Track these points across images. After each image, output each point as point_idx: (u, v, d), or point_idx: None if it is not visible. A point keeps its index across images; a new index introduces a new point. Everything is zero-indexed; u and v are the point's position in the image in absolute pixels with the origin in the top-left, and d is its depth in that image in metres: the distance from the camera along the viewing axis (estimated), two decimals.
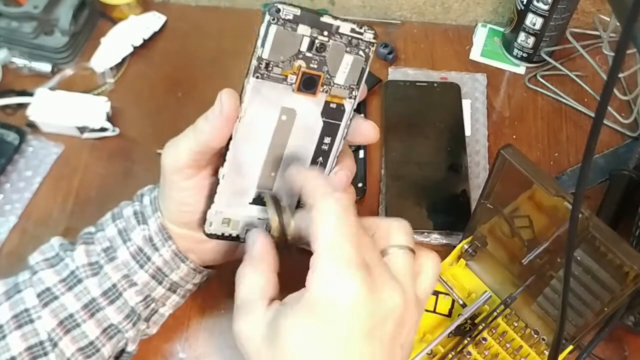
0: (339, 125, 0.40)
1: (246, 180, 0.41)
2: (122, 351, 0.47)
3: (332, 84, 0.39)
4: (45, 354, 0.43)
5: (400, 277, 0.35)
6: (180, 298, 0.49)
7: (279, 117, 0.39)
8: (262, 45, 0.36)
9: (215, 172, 0.41)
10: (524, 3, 0.66)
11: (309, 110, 0.39)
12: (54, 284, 0.43)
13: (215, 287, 0.57)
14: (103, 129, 0.65)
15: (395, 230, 0.37)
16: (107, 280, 0.44)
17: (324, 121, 0.40)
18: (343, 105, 0.39)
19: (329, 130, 0.40)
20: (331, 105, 0.39)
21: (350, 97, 0.39)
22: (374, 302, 0.33)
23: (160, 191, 0.44)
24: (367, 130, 0.41)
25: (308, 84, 0.38)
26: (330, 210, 0.34)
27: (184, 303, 0.56)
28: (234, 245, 0.46)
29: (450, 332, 0.52)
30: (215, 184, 0.41)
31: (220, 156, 0.40)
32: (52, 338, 0.43)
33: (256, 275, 0.38)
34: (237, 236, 0.43)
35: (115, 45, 0.71)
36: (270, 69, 0.37)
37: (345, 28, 0.37)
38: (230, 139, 0.39)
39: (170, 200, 0.43)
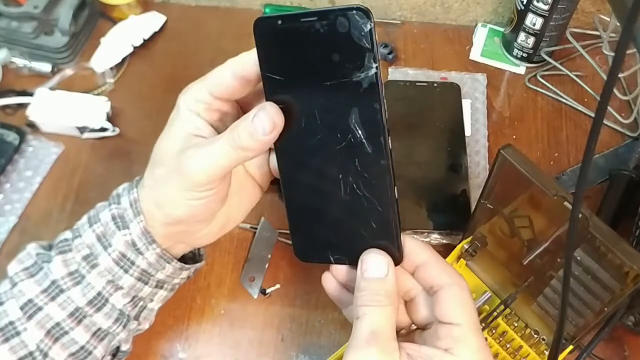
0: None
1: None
2: (118, 349, 0.47)
3: None
4: None
5: None
6: (168, 292, 0.47)
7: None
8: None
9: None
10: (524, 3, 0.66)
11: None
12: (36, 295, 0.42)
13: (215, 288, 0.57)
14: (103, 129, 0.65)
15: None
16: (91, 290, 0.42)
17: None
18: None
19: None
20: None
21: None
22: None
23: (159, 191, 0.41)
24: None
25: None
26: (467, 293, 0.38)
27: (184, 303, 0.56)
28: (226, 220, 0.44)
29: None
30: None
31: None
32: (42, 349, 0.42)
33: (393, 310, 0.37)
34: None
35: (115, 45, 0.71)
36: None
37: None
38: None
39: (176, 204, 0.40)
